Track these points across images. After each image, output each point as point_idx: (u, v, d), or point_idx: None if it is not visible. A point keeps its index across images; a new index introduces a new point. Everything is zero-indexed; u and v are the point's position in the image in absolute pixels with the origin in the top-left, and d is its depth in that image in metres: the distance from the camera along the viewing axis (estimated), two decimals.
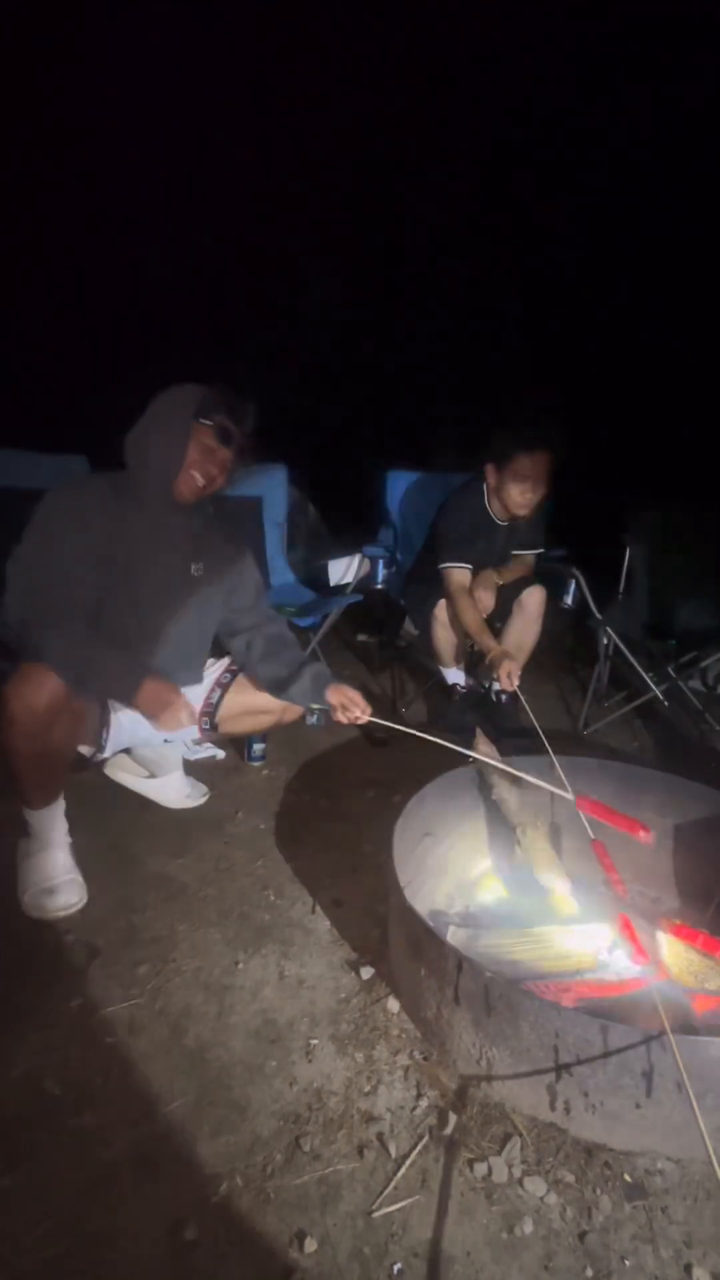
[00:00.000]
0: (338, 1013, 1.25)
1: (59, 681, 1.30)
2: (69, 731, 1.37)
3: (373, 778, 2.12)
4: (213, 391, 1.46)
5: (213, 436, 1.46)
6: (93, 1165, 0.97)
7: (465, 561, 2.32)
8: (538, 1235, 0.91)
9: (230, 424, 1.47)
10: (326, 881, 1.63)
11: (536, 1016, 0.99)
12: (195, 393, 1.45)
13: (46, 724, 1.30)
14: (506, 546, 2.48)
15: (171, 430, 1.44)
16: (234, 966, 1.35)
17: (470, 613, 2.24)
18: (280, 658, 1.66)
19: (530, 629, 2.37)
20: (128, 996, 1.26)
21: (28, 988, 1.27)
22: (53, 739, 1.33)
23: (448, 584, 2.30)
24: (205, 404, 1.44)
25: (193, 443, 1.45)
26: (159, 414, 1.46)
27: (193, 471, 1.46)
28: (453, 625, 2.37)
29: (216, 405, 1.45)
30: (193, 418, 1.44)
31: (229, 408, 1.46)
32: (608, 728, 2.62)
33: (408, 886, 1.22)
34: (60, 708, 1.30)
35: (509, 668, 2.09)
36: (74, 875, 1.49)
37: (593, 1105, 0.99)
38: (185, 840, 1.76)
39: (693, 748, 2.57)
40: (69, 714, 1.33)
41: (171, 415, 1.45)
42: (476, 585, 2.34)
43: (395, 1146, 1.01)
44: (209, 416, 1.44)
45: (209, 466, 1.47)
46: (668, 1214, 0.94)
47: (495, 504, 2.37)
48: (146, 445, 1.45)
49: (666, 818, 1.61)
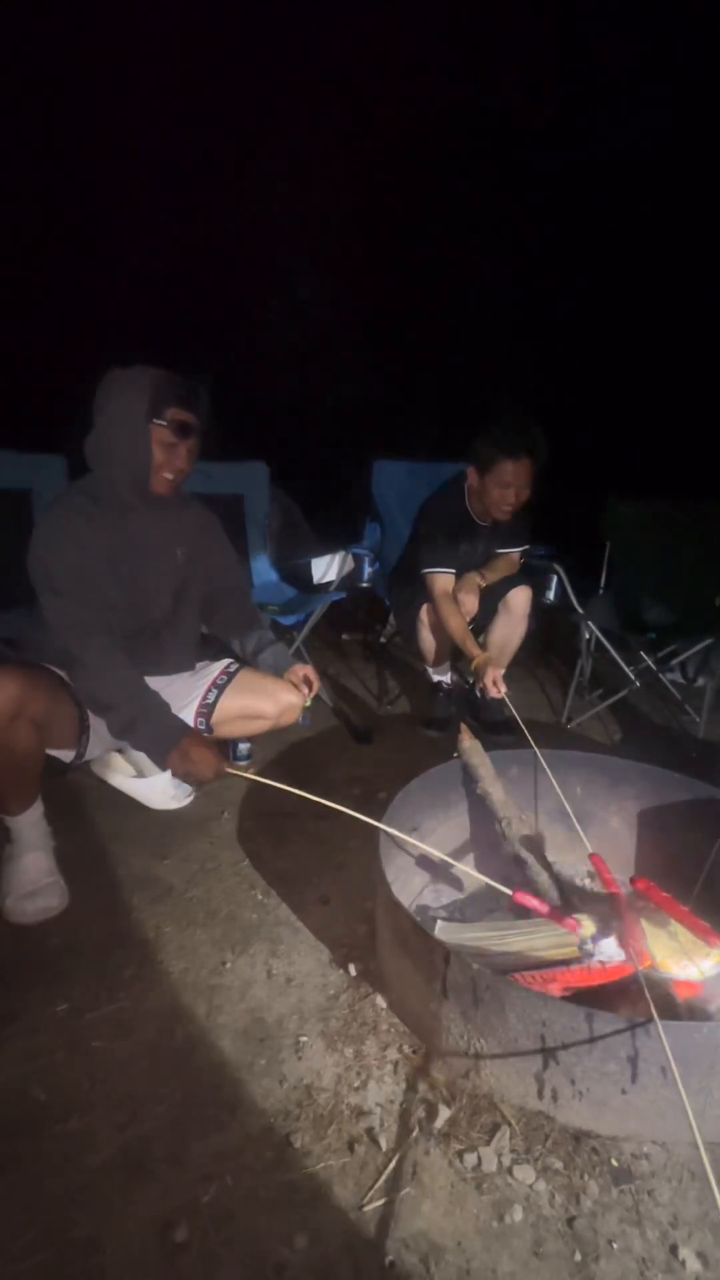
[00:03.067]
0: (326, 1009, 1.26)
1: (12, 687, 1.29)
2: (31, 737, 1.35)
3: (358, 775, 2.12)
4: (161, 385, 1.41)
5: (171, 434, 1.43)
6: (81, 1170, 0.96)
7: (448, 565, 2.31)
8: (527, 1222, 0.92)
9: (186, 416, 1.44)
10: (313, 879, 1.63)
11: (523, 1006, 1.00)
12: (143, 391, 1.40)
13: (5, 731, 1.29)
14: (489, 547, 2.48)
15: (130, 436, 1.41)
16: (221, 966, 1.35)
17: (454, 618, 2.24)
18: (252, 629, 1.79)
19: (516, 629, 2.38)
20: (114, 999, 1.25)
21: (12, 993, 1.25)
22: (15, 746, 1.32)
23: (431, 589, 2.30)
24: (155, 403, 1.40)
25: (154, 445, 1.43)
26: (113, 418, 1.42)
27: (163, 473, 1.47)
28: (436, 630, 2.37)
29: (167, 400, 1.41)
30: (147, 421, 1.40)
31: (179, 399, 1.42)
32: (589, 720, 2.65)
33: (394, 882, 1.23)
34: (16, 714, 1.29)
35: (494, 675, 2.10)
36: (55, 878, 1.48)
37: (579, 1092, 1.00)
38: (171, 841, 1.75)
39: (673, 738, 2.61)
40: (28, 720, 1.32)
41: (126, 419, 1.41)
42: (460, 588, 2.34)
43: (385, 1140, 1.01)
44: (162, 416, 1.41)
45: (175, 463, 1.47)
46: (654, 1196, 0.95)
47: (477, 505, 2.36)
48: (110, 454, 1.44)
49: (646, 806, 1.64)
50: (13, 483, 2.44)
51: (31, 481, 2.44)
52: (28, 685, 1.32)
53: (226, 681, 1.70)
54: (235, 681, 1.70)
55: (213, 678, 1.71)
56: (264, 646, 1.76)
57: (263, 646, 1.76)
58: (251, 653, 1.76)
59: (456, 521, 2.37)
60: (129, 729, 1.40)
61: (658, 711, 2.81)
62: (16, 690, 1.29)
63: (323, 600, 2.56)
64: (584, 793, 1.69)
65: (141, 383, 1.41)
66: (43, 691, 1.36)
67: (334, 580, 2.71)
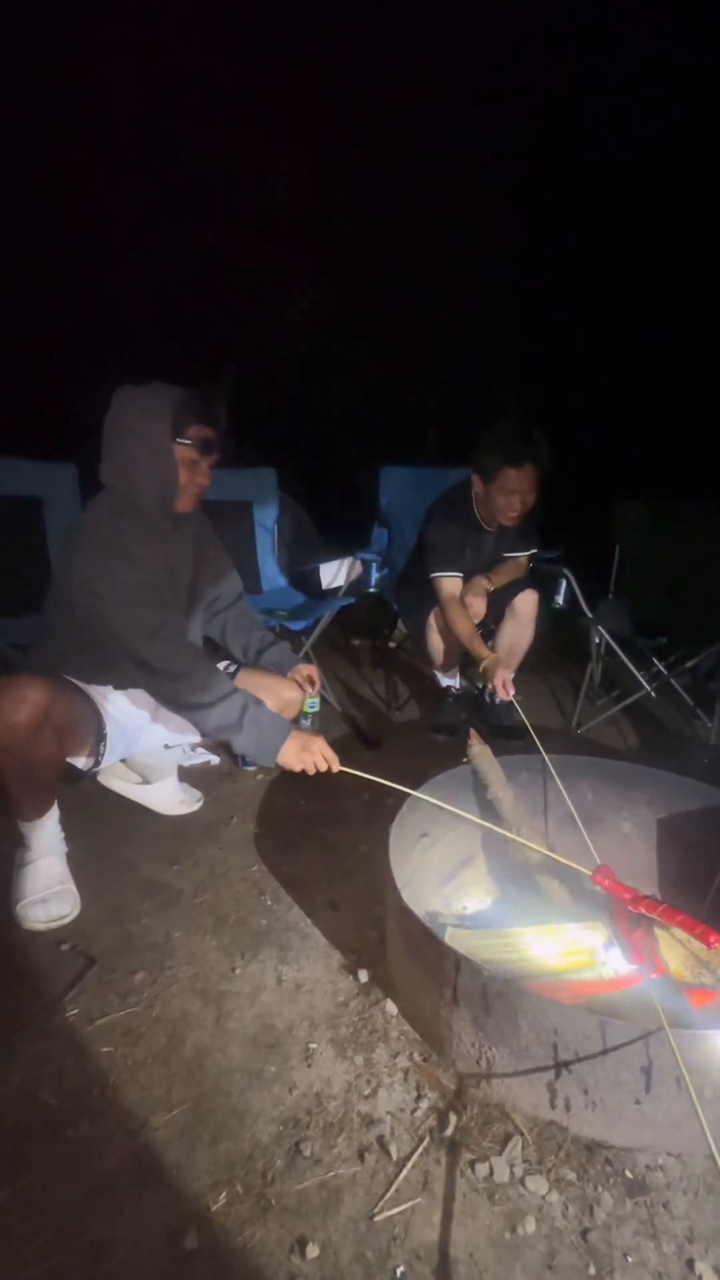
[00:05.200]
0: (336, 1016, 1.25)
1: (38, 696, 1.29)
2: (53, 745, 1.36)
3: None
4: (181, 403, 1.41)
5: (195, 452, 1.44)
6: (91, 1176, 0.96)
7: (454, 569, 2.32)
8: (540, 1234, 0.90)
9: (208, 433, 1.45)
10: (323, 885, 1.62)
11: (535, 1014, 0.99)
12: (164, 411, 1.40)
13: (28, 739, 1.29)
14: (496, 551, 2.48)
15: (155, 458, 1.41)
16: (231, 972, 1.34)
17: (462, 621, 2.24)
18: (253, 631, 1.78)
19: (523, 633, 2.37)
20: (124, 1005, 1.25)
21: (23, 998, 1.25)
22: (36, 753, 1.32)
23: (438, 593, 2.30)
24: (179, 422, 1.41)
25: (179, 465, 1.43)
26: (135, 440, 1.41)
27: (188, 492, 1.48)
28: (445, 635, 2.37)
29: (188, 419, 1.42)
30: (171, 441, 1.41)
31: (200, 415, 1.43)
32: (600, 726, 2.63)
33: (404, 888, 1.22)
34: (40, 722, 1.30)
35: (503, 677, 2.09)
36: (67, 885, 1.48)
37: (593, 1102, 0.99)
38: (180, 846, 1.75)
39: (685, 744, 2.59)
40: (50, 728, 1.33)
41: (149, 441, 1.41)
42: (467, 591, 2.34)
43: (396, 1149, 1.01)
44: (185, 435, 1.42)
45: (199, 479, 1.49)
46: (669, 1209, 0.94)
47: (482, 511, 2.36)
48: (136, 476, 1.43)
49: (658, 813, 1.62)
50: (24, 490, 2.46)
51: (43, 489, 2.47)
52: (52, 694, 1.33)
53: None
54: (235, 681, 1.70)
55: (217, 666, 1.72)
56: (266, 646, 1.76)
57: (265, 646, 1.76)
58: (254, 654, 1.76)
59: (463, 526, 2.37)
60: (235, 727, 1.38)
61: (669, 717, 2.79)
62: (43, 698, 1.30)
63: (331, 606, 2.56)
64: (595, 798, 1.68)
65: (161, 402, 1.41)
66: (66, 700, 1.38)
67: (342, 585, 2.72)
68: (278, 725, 1.42)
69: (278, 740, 1.39)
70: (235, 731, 1.38)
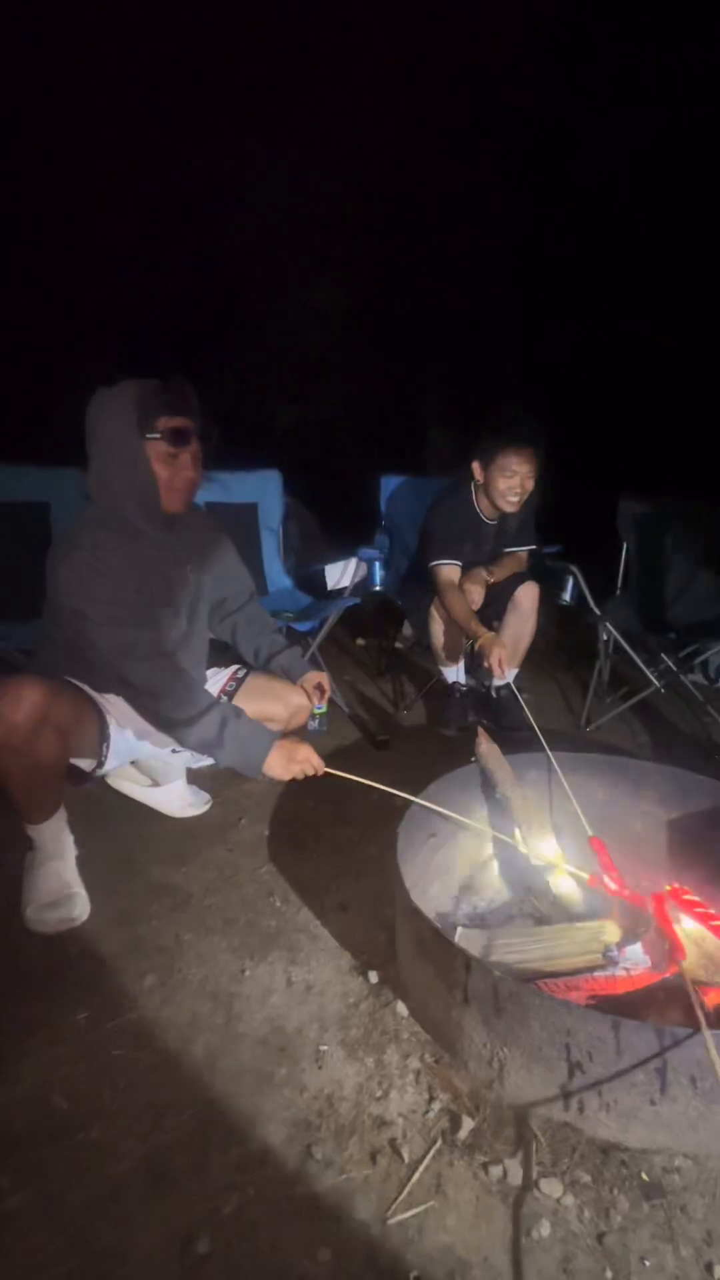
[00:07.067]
0: (346, 1018, 1.24)
1: (36, 696, 1.29)
2: (55, 746, 1.35)
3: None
4: (145, 395, 1.33)
5: (168, 445, 1.35)
6: (102, 1180, 0.95)
7: (453, 558, 2.34)
8: (555, 1238, 0.89)
9: (179, 421, 1.34)
10: (332, 886, 1.62)
11: (546, 1015, 0.98)
12: (128, 407, 1.32)
13: (28, 739, 1.29)
14: (497, 545, 2.49)
15: (126, 460, 1.34)
16: (240, 974, 1.34)
17: (459, 604, 2.25)
18: (263, 634, 1.77)
19: (525, 626, 2.37)
20: (134, 1007, 1.25)
21: (33, 1002, 1.25)
22: (38, 755, 1.32)
23: (436, 580, 2.32)
24: (145, 416, 1.32)
25: (154, 463, 1.35)
26: (105, 444, 1.35)
27: (173, 489, 1.40)
28: (447, 625, 2.38)
29: (154, 410, 1.33)
30: (140, 438, 1.33)
31: (168, 405, 1.34)
32: (610, 724, 2.61)
33: (414, 889, 1.22)
34: (40, 722, 1.29)
35: (499, 654, 2.10)
36: (76, 889, 1.48)
37: (607, 1104, 0.98)
38: (189, 848, 1.75)
39: (695, 741, 2.56)
40: (51, 729, 1.32)
41: (117, 443, 1.34)
42: (466, 580, 2.35)
43: (408, 1151, 1.00)
44: (153, 429, 1.33)
45: (183, 474, 1.39)
46: (687, 1212, 0.92)
47: (483, 502, 2.40)
48: (111, 484, 1.37)
49: (670, 811, 1.61)
50: (31, 496, 2.47)
51: (49, 494, 2.48)
52: (51, 694, 1.32)
53: (236, 688, 1.70)
54: (244, 687, 1.70)
55: (222, 684, 1.71)
56: (277, 651, 1.75)
57: (275, 650, 1.75)
58: (265, 658, 1.75)
59: (464, 519, 2.40)
60: (215, 743, 1.35)
61: (679, 714, 2.76)
62: (41, 699, 1.29)
63: (337, 606, 2.55)
64: (605, 797, 1.66)
65: (125, 399, 1.32)
66: (66, 700, 1.37)
67: (348, 586, 2.71)
68: (259, 737, 1.39)
69: (261, 752, 1.37)
70: (217, 747, 1.36)
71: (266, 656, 1.75)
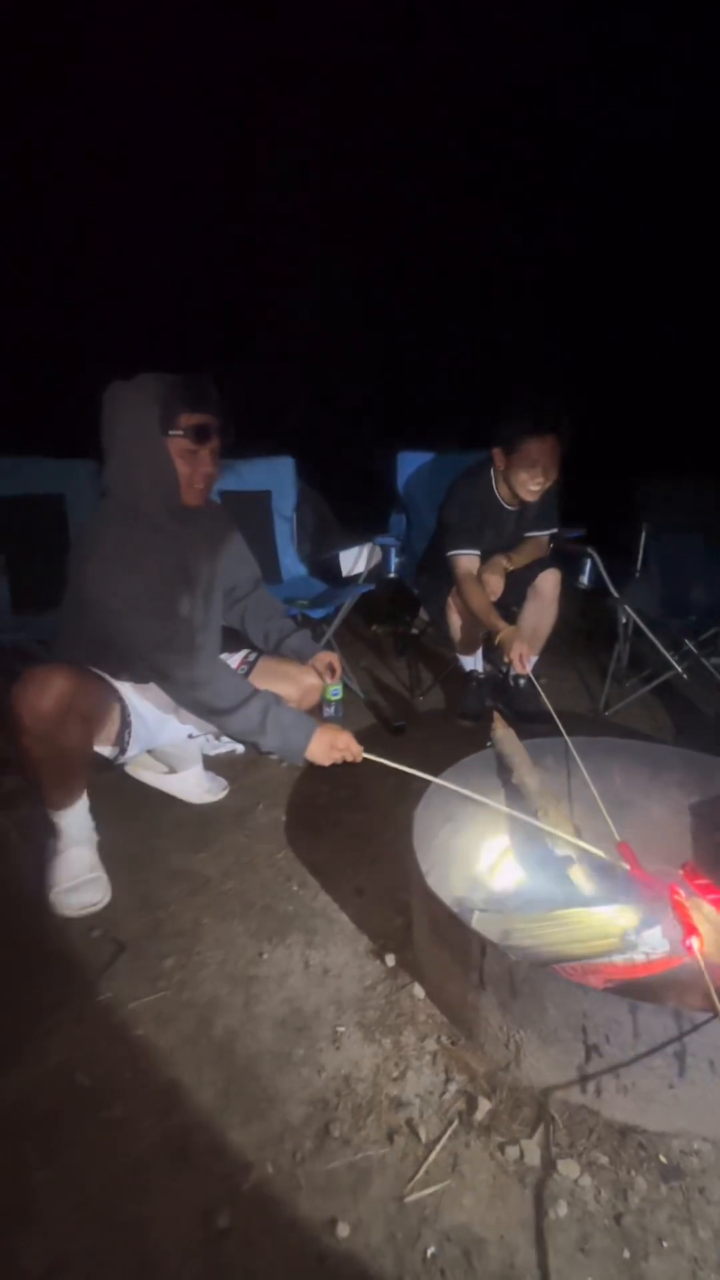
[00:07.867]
0: (364, 1000, 1.25)
1: (63, 684, 1.31)
2: (80, 733, 1.37)
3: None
4: (168, 392, 1.34)
5: (190, 442, 1.37)
6: (124, 1156, 0.97)
7: (472, 547, 2.29)
8: (573, 1218, 0.90)
9: (202, 419, 1.37)
10: (349, 871, 1.62)
11: (562, 998, 0.98)
12: (150, 403, 1.33)
13: (55, 727, 1.31)
14: (517, 531, 2.43)
15: (149, 456, 1.36)
16: (259, 957, 1.35)
17: (477, 596, 2.22)
18: (272, 619, 1.79)
19: (546, 613, 2.33)
20: (155, 989, 1.27)
21: (57, 983, 1.28)
22: (64, 741, 1.34)
23: (455, 571, 2.28)
24: (168, 413, 1.34)
25: (176, 458, 1.38)
26: (127, 440, 1.37)
27: (193, 484, 1.42)
28: (464, 615, 2.34)
29: (177, 407, 1.34)
30: (162, 435, 1.35)
31: (190, 402, 1.35)
32: (629, 708, 2.58)
33: (430, 873, 1.22)
34: (66, 710, 1.31)
35: (520, 649, 2.06)
36: (98, 873, 1.51)
37: (624, 1087, 0.97)
38: (207, 834, 1.77)
39: (716, 724, 2.52)
40: (77, 716, 1.34)
41: (140, 439, 1.36)
42: (485, 570, 2.31)
43: (425, 1131, 1.01)
44: (176, 426, 1.35)
45: (202, 470, 1.42)
46: (705, 1195, 0.92)
47: (504, 489, 2.32)
48: (132, 479, 1.39)
49: (691, 796, 1.58)
50: (46, 488, 2.49)
51: (64, 486, 2.50)
52: (77, 683, 1.34)
53: (247, 671, 1.70)
54: (256, 669, 1.71)
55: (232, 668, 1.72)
56: (288, 633, 1.76)
57: (285, 634, 1.76)
58: (275, 641, 1.76)
59: (482, 505, 2.33)
60: (258, 731, 1.36)
61: (700, 697, 2.72)
62: (67, 686, 1.31)
63: (352, 593, 2.54)
64: (623, 782, 1.65)
65: (146, 396, 1.34)
66: (91, 689, 1.39)
67: (362, 572, 2.70)
68: (302, 724, 1.39)
69: (304, 739, 1.38)
70: (259, 734, 1.37)
71: (277, 640, 1.76)
